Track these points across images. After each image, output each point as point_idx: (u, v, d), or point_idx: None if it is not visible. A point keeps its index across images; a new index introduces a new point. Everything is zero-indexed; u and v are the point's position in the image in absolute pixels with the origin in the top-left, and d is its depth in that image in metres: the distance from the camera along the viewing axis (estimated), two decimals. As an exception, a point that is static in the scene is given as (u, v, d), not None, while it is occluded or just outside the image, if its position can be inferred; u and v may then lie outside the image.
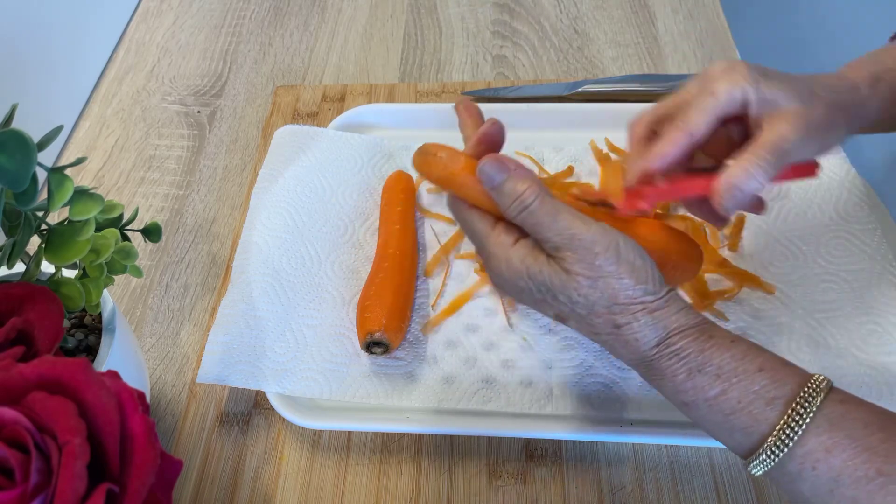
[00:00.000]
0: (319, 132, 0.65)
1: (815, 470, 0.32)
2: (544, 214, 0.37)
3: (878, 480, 0.31)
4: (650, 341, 0.36)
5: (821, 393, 0.33)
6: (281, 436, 0.51)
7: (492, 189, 0.38)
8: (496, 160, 0.38)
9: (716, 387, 0.35)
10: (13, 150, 0.33)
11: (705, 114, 0.41)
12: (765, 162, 0.39)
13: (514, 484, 0.48)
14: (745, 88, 0.40)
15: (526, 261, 0.37)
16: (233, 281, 0.55)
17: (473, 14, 0.82)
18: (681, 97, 0.43)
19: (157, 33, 0.82)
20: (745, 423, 0.34)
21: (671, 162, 0.41)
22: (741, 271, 0.54)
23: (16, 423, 0.29)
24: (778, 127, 0.40)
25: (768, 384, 0.34)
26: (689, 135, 0.41)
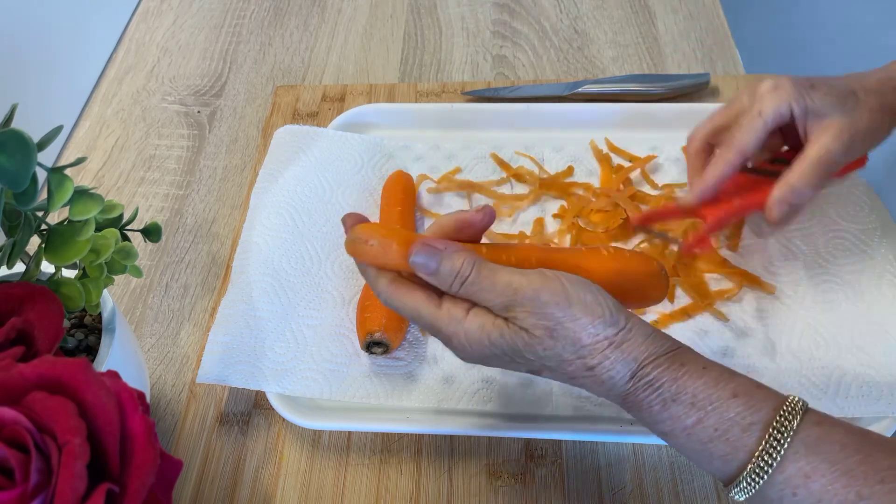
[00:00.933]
0: (319, 132, 0.65)
1: (795, 496, 0.32)
2: (483, 280, 0.36)
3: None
4: (624, 376, 0.36)
5: (797, 415, 0.33)
6: (281, 436, 0.51)
7: (429, 276, 0.37)
8: (425, 247, 0.37)
9: (691, 416, 0.34)
10: (13, 150, 0.33)
11: (755, 134, 0.45)
12: (810, 177, 0.44)
13: (514, 484, 0.48)
14: (791, 105, 0.44)
15: (485, 328, 0.36)
16: (233, 281, 0.55)
17: (473, 14, 0.82)
18: (732, 110, 0.48)
19: (157, 33, 0.82)
20: (723, 450, 0.34)
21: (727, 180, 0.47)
22: (741, 271, 0.54)
23: (16, 423, 0.29)
24: (822, 141, 0.44)
25: (743, 410, 0.34)
26: (742, 154, 0.46)
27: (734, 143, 0.46)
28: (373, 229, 0.38)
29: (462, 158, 0.64)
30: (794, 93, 0.44)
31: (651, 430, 0.37)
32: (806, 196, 0.45)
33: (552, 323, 0.35)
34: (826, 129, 0.44)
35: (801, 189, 0.44)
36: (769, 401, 0.34)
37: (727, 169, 0.46)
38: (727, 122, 0.48)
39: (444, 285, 0.37)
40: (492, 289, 0.36)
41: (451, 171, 0.63)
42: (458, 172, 0.63)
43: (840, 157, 0.44)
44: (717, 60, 0.73)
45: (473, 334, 0.36)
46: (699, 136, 0.50)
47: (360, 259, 0.39)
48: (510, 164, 0.63)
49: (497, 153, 0.63)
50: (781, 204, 0.45)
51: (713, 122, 0.49)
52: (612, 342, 0.36)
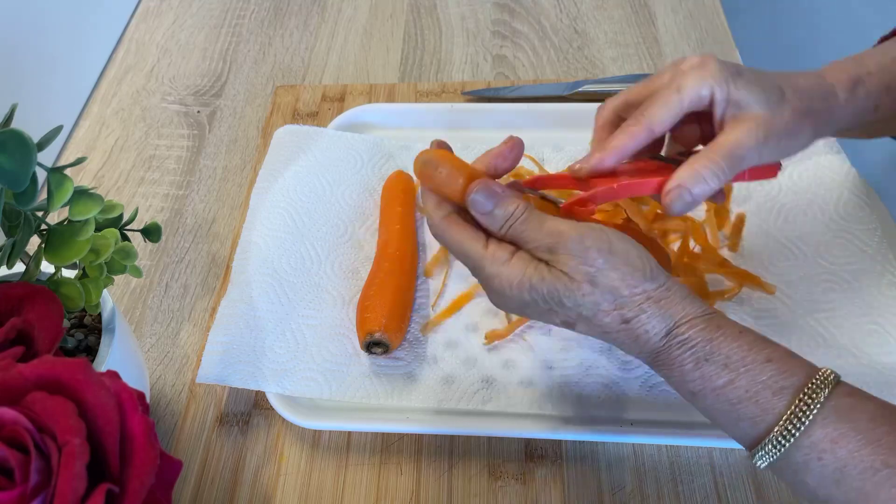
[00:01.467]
0: (319, 132, 0.65)
1: (820, 461, 0.32)
2: (532, 221, 0.37)
3: (884, 472, 0.31)
4: (659, 332, 0.36)
5: (828, 385, 0.33)
6: (281, 436, 0.51)
7: (483, 214, 0.38)
8: (485, 189, 0.38)
9: (723, 376, 0.35)
10: (13, 150, 0.33)
11: (668, 110, 0.40)
12: (717, 167, 0.39)
13: (514, 484, 0.48)
14: (713, 87, 0.40)
15: (527, 271, 0.37)
16: (233, 281, 0.55)
17: (473, 14, 0.82)
18: (651, 85, 0.43)
19: (157, 33, 0.82)
20: (751, 412, 0.34)
21: (628, 155, 0.41)
22: (741, 271, 0.54)
23: (16, 423, 0.29)
24: (737, 132, 0.40)
25: (776, 374, 0.34)
26: (649, 130, 0.41)
27: (643, 117, 0.41)
28: (445, 158, 0.40)
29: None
30: (718, 75, 0.40)
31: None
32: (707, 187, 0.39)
33: (594, 269, 0.36)
34: (743, 120, 0.40)
35: (704, 176, 0.39)
36: (803, 368, 0.34)
37: (630, 142, 0.41)
38: (643, 97, 0.43)
39: (495, 225, 0.38)
40: (539, 230, 0.37)
41: (451, 171, 0.62)
42: (458, 172, 0.63)
43: (751, 151, 0.40)
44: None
45: (514, 277, 0.37)
46: (609, 106, 0.45)
47: (425, 183, 0.40)
48: (510, 164, 0.63)
49: (497, 153, 0.63)
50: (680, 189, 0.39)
51: (627, 94, 0.44)
52: (650, 297, 0.36)
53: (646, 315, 0.36)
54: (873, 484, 0.31)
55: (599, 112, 0.46)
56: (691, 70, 0.41)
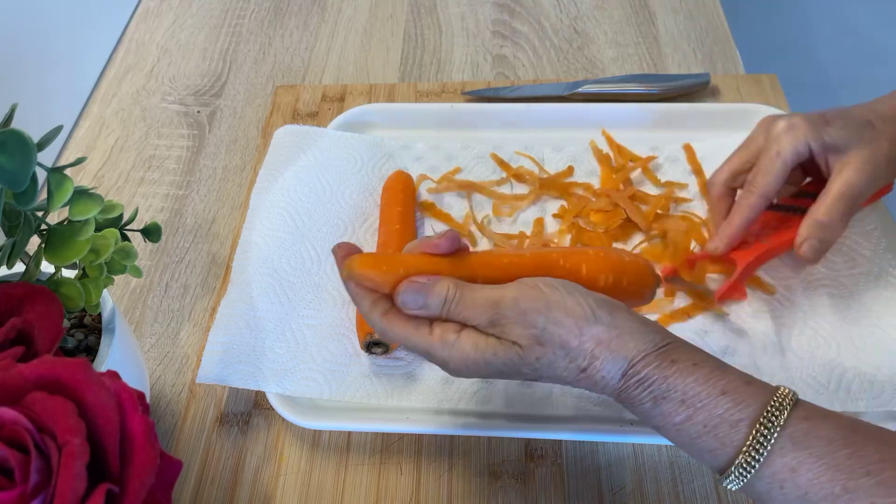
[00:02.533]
0: (319, 132, 0.65)
1: (782, 489, 0.33)
2: (466, 299, 0.37)
3: (844, 497, 0.31)
4: (615, 375, 0.36)
5: (784, 410, 0.33)
6: (281, 436, 0.51)
7: (419, 310, 0.37)
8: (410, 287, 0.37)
9: (681, 413, 0.35)
10: (13, 150, 0.33)
11: (775, 175, 0.46)
12: (836, 211, 0.45)
13: (514, 484, 0.48)
14: (809, 143, 0.45)
15: (479, 347, 0.37)
16: (233, 281, 0.55)
17: (473, 14, 0.82)
18: (749, 151, 0.49)
19: (156, 33, 0.82)
20: (711, 445, 0.34)
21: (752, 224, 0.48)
22: (741, 271, 0.54)
23: (16, 423, 0.29)
24: (846, 174, 0.45)
25: (731, 407, 0.34)
26: (765, 197, 0.47)
27: (756, 187, 0.47)
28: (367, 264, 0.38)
29: (462, 158, 0.64)
30: (809, 131, 0.45)
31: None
32: (833, 230, 0.45)
33: (537, 330, 0.36)
34: (848, 162, 0.45)
35: (828, 224, 0.45)
36: (758, 396, 0.34)
37: (752, 213, 0.47)
38: (745, 165, 0.49)
39: (433, 313, 0.37)
40: (474, 306, 0.37)
41: (451, 171, 0.63)
42: (458, 172, 0.63)
43: (864, 188, 0.45)
44: (717, 60, 0.73)
45: (469, 355, 0.37)
46: (719, 180, 0.51)
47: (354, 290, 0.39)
48: (510, 164, 0.63)
49: (497, 153, 0.63)
50: (811, 241, 0.46)
51: (731, 165, 0.50)
52: (599, 341, 0.36)
53: (599, 361, 0.36)
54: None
55: (711, 187, 0.52)
56: (784, 133, 0.46)
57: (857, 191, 0.45)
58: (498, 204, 0.60)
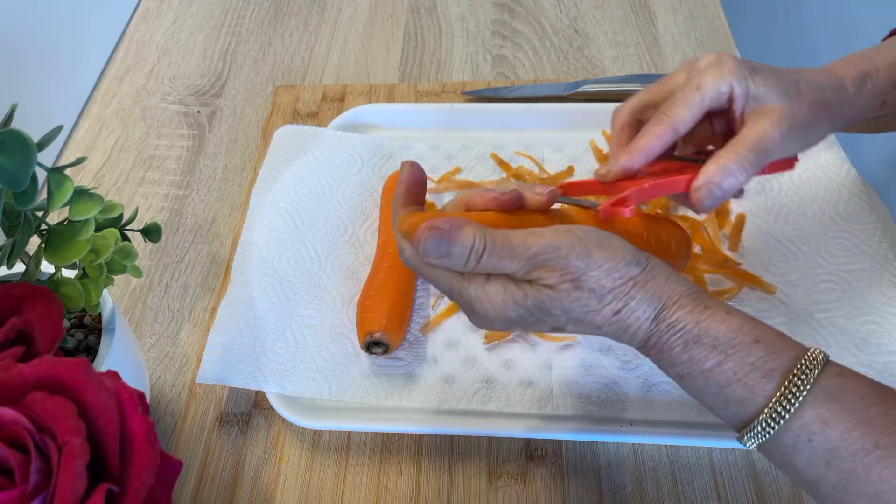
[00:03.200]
0: (319, 132, 0.65)
1: (811, 442, 0.32)
2: (499, 248, 0.35)
3: (875, 453, 0.31)
4: (648, 317, 0.36)
5: (818, 365, 0.33)
6: (281, 436, 0.51)
7: (443, 260, 0.35)
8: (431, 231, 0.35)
9: (711, 358, 0.34)
10: (13, 150, 0.33)
11: (690, 108, 0.41)
12: (745, 160, 0.40)
13: (514, 484, 0.48)
14: (732, 84, 0.41)
15: (508, 290, 0.36)
16: (233, 281, 0.55)
17: (473, 14, 0.82)
18: (667, 86, 0.43)
19: (157, 33, 0.82)
20: (740, 394, 0.34)
21: (654, 156, 0.42)
22: (742, 271, 0.54)
23: (16, 423, 0.29)
24: (761, 125, 0.40)
25: (765, 356, 0.34)
26: (674, 130, 0.41)
27: (667, 116, 0.41)
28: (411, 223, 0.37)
29: (462, 158, 0.64)
30: (737, 71, 0.41)
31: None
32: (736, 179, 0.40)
33: (576, 274, 0.35)
34: (765, 113, 0.41)
35: (732, 172, 0.40)
36: (792, 349, 0.34)
37: (656, 143, 0.42)
38: (660, 98, 0.44)
39: (461, 265, 0.36)
40: (510, 255, 0.35)
41: (451, 171, 0.63)
42: (458, 172, 0.63)
43: (776, 144, 0.41)
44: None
45: (496, 297, 0.36)
46: (627, 108, 0.45)
47: None
48: (510, 164, 0.63)
49: (497, 153, 0.63)
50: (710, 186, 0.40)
51: (644, 95, 0.45)
52: (636, 282, 0.35)
53: (634, 301, 0.35)
54: (864, 465, 0.31)
55: (616, 115, 0.45)
56: (709, 68, 0.41)
57: (769, 144, 0.40)
58: (498, 204, 0.60)
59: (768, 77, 0.41)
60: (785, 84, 0.41)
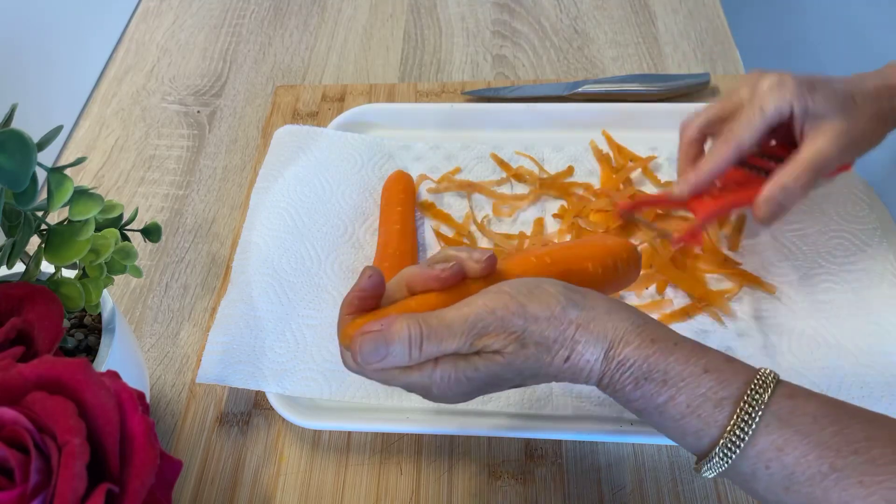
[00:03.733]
0: (319, 132, 0.65)
1: (768, 469, 0.32)
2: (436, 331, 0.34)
3: (832, 476, 0.31)
4: (598, 358, 0.35)
5: (767, 389, 0.33)
6: (281, 436, 0.51)
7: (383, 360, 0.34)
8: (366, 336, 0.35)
9: (663, 393, 0.34)
10: (13, 150, 0.33)
11: (753, 129, 0.45)
12: (804, 178, 0.44)
13: (514, 484, 0.48)
14: (793, 104, 0.44)
15: (459, 367, 0.35)
16: (233, 281, 0.55)
17: (473, 14, 0.82)
18: (731, 103, 0.48)
19: (157, 33, 0.82)
20: (695, 426, 0.34)
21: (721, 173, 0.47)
22: (742, 271, 0.54)
23: (16, 423, 0.29)
24: (818, 143, 0.44)
25: (714, 385, 0.34)
26: (738, 150, 0.46)
27: (732, 137, 0.46)
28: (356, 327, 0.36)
29: (462, 158, 0.64)
30: (796, 91, 0.44)
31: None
32: (796, 196, 0.45)
33: (518, 331, 0.35)
34: (824, 131, 0.44)
35: (792, 189, 0.45)
36: (740, 374, 0.34)
37: (722, 163, 0.46)
38: (724, 115, 0.48)
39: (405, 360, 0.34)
40: (449, 334, 0.34)
41: (451, 171, 0.63)
42: (458, 172, 0.63)
43: (834, 160, 0.44)
44: (717, 60, 0.73)
45: (450, 378, 0.35)
46: (695, 125, 0.50)
47: None
48: (510, 164, 0.63)
49: (497, 153, 0.63)
50: (771, 203, 0.45)
51: (710, 112, 0.49)
52: (577, 325, 0.35)
53: (580, 346, 0.35)
54: (822, 489, 0.31)
55: (684, 131, 0.50)
56: (771, 91, 0.45)
57: (826, 162, 0.44)
58: (498, 204, 0.60)
59: (827, 95, 0.44)
60: (843, 101, 0.44)
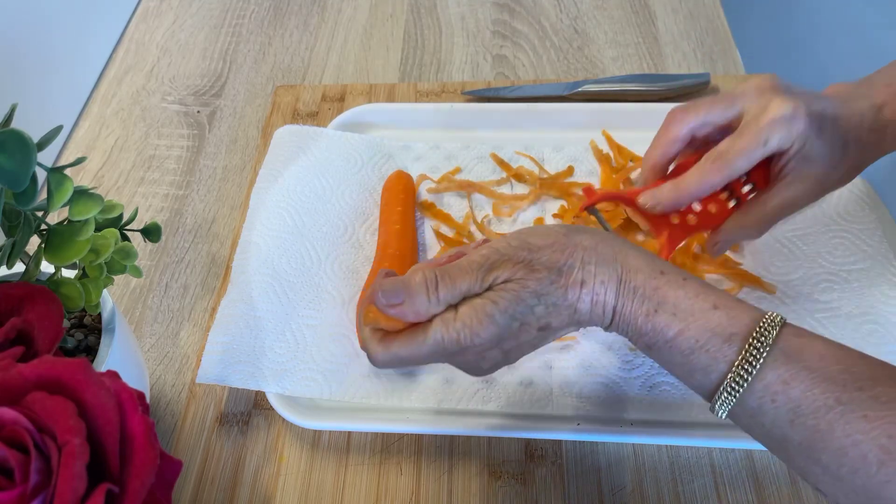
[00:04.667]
0: (319, 132, 0.65)
1: (774, 403, 0.32)
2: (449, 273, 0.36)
3: (837, 409, 0.31)
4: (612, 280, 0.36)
5: (776, 326, 0.33)
6: (281, 436, 0.51)
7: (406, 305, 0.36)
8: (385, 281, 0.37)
9: (673, 326, 0.35)
10: (13, 150, 0.33)
11: (750, 161, 0.42)
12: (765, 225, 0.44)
13: (514, 484, 0.48)
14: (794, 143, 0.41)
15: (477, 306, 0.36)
16: (232, 281, 0.55)
17: (473, 14, 0.82)
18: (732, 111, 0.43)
19: (156, 33, 0.82)
20: (704, 362, 0.34)
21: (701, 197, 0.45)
22: (742, 271, 0.54)
23: (16, 423, 0.29)
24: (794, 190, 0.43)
25: (724, 321, 0.34)
26: (729, 178, 0.43)
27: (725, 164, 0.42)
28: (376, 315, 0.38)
29: (462, 158, 0.64)
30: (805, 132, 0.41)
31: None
32: (752, 238, 0.46)
33: (525, 260, 0.36)
34: (804, 178, 0.42)
35: (750, 233, 0.45)
36: (749, 312, 0.34)
37: (708, 188, 0.43)
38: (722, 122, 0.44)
39: (424, 302, 0.36)
40: (460, 273, 0.36)
41: (451, 170, 0.63)
42: (458, 172, 0.63)
43: (800, 206, 0.44)
44: (717, 60, 0.73)
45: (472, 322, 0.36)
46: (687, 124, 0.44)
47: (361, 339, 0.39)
48: (510, 164, 0.63)
49: (497, 153, 0.63)
50: (724, 242, 0.47)
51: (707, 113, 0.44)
52: (585, 247, 0.36)
53: (593, 266, 0.36)
54: (827, 422, 0.31)
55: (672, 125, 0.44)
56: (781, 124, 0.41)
57: (793, 209, 0.44)
58: (498, 204, 0.60)
59: (827, 141, 0.42)
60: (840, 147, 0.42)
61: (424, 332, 0.37)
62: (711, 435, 0.47)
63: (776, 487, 0.47)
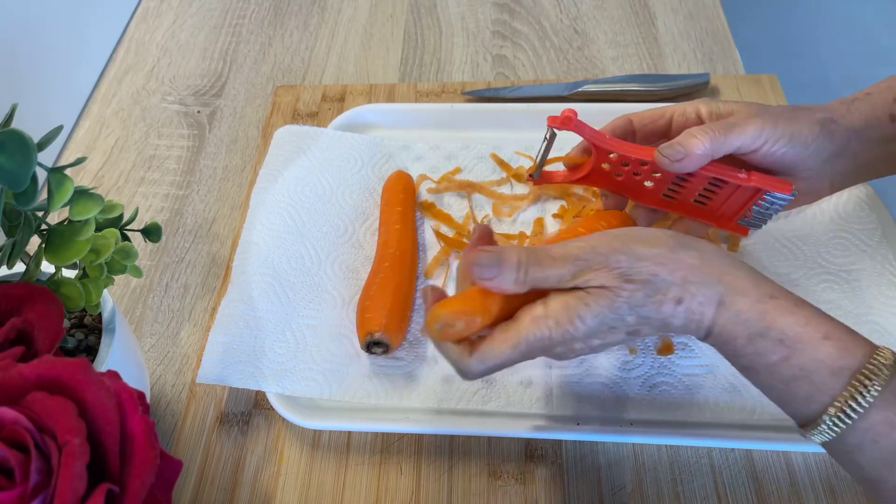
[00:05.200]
0: (319, 132, 0.65)
1: (876, 443, 0.31)
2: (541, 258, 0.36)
3: None
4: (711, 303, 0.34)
5: (889, 367, 0.32)
6: (281, 436, 0.51)
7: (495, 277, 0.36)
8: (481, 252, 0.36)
9: (778, 353, 0.33)
10: (13, 150, 0.33)
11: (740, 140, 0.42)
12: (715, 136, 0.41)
13: (514, 484, 0.48)
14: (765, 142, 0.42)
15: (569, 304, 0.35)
16: (233, 281, 0.55)
17: (473, 14, 0.82)
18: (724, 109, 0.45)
19: (157, 33, 0.82)
20: (805, 392, 0.33)
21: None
22: (741, 271, 0.54)
23: (16, 423, 0.29)
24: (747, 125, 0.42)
25: (834, 353, 0.32)
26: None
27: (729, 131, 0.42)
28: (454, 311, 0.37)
29: (462, 158, 0.64)
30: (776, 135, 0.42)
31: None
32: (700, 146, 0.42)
33: (622, 269, 0.35)
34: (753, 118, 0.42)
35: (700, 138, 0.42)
36: (862, 347, 0.33)
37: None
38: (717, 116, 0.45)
39: (510, 279, 0.36)
40: (552, 262, 0.35)
41: (451, 171, 0.63)
42: (458, 172, 0.63)
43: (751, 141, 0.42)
44: (717, 60, 0.73)
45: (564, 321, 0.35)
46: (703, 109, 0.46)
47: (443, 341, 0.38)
48: (510, 164, 0.63)
49: (497, 153, 0.63)
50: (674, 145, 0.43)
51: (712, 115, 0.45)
52: (689, 266, 0.35)
53: (693, 286, 0.34)
54: None
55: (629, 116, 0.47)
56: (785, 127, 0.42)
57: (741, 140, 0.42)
58: (498, 204, 0.60)
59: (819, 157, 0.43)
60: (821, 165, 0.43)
61: (517, 334, 0.36)
62: (711, 435, 0.47)
63: (776, 487, 0.47)
